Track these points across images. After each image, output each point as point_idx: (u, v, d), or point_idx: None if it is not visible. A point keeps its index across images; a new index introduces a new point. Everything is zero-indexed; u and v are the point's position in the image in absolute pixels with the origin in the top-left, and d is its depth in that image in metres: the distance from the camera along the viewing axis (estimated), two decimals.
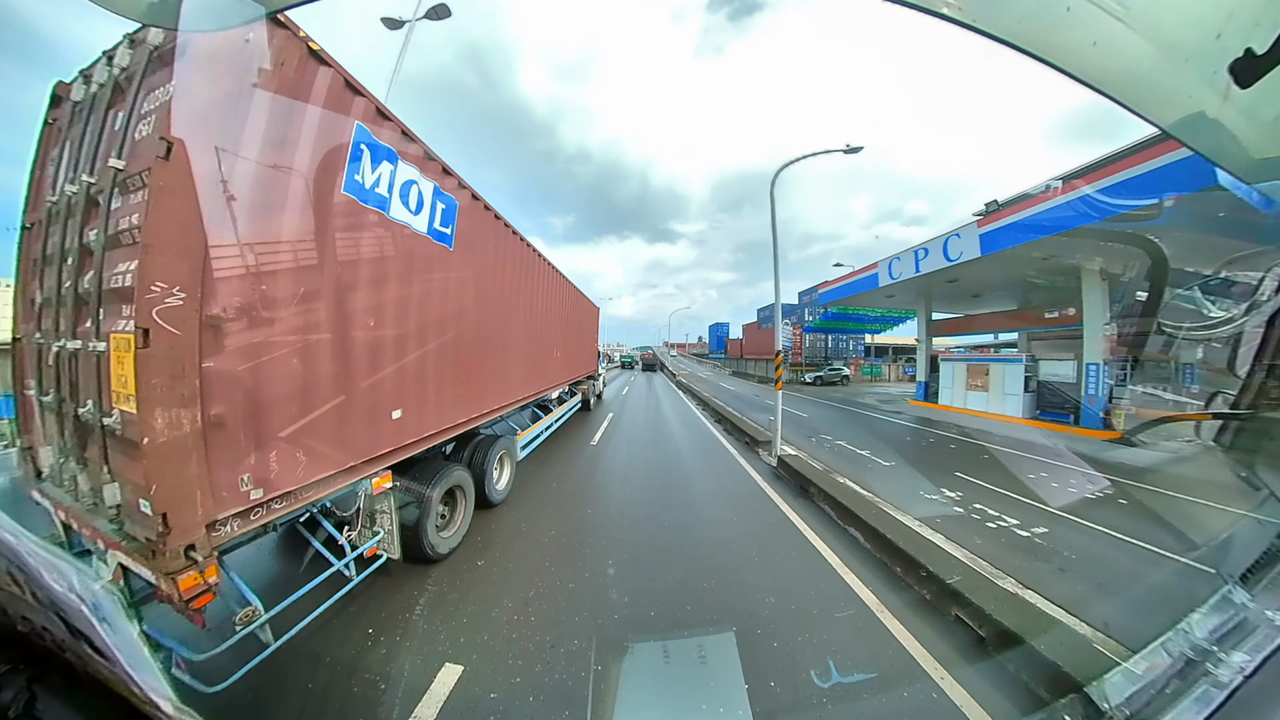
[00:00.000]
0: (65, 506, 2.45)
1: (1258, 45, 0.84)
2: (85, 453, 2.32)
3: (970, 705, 2.34)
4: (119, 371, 1.99)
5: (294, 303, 2.49)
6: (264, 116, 2.33)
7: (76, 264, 2.29)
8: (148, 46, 2.20)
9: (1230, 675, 1.06)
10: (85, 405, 2.21)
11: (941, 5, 0.99)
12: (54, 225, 2.50)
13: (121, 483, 2.15)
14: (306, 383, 2.59)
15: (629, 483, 6.92)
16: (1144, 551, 4.44)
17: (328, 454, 2.69)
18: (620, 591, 3.40)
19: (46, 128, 2.66)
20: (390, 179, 3.01)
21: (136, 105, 2.16)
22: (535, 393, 7.15)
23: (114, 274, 2.13)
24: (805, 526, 5.19)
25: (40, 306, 2.55)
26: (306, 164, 2.55)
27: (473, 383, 4.49)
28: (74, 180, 2.35)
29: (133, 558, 2.09)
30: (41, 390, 2.51)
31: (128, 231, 2.09)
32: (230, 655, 2.22)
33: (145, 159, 2.05)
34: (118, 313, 2.15)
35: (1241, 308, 1.27)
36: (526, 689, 2.25)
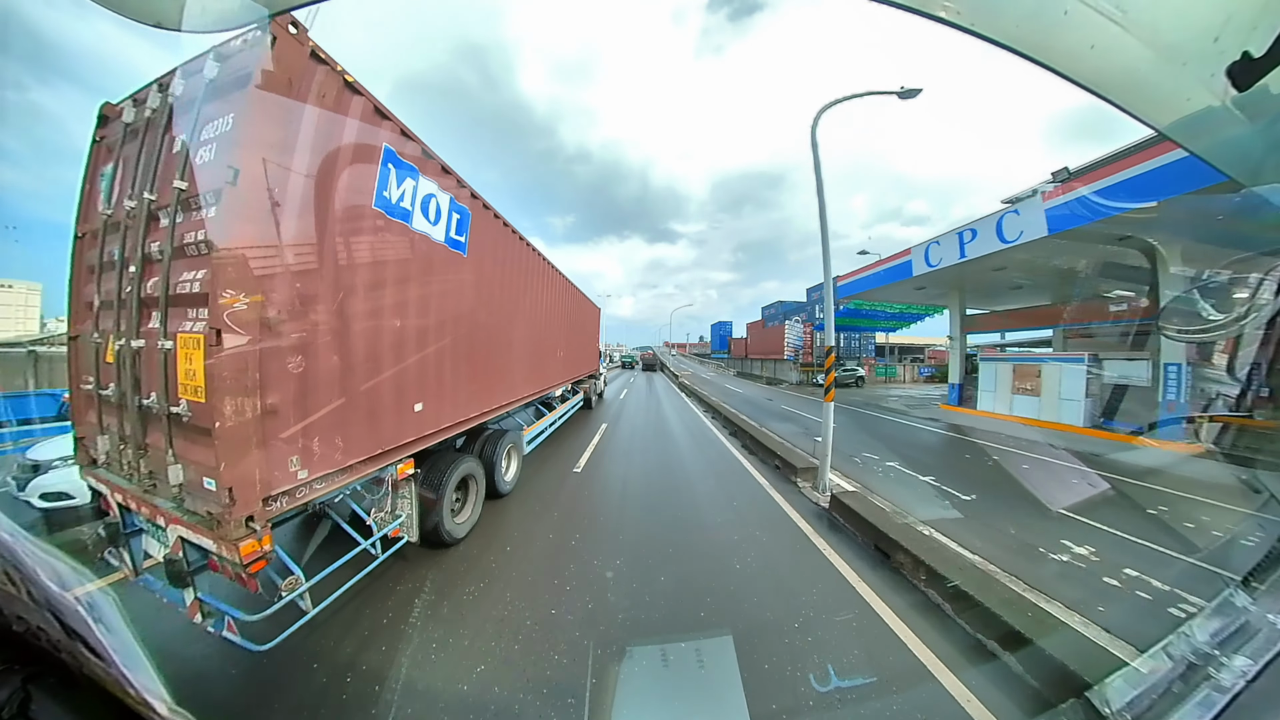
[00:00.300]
0: (122, 489, 2.68)
1: (1255, 48, 0.85)
2: (146, 439, 2.55)
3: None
4: (187, 367, 2.27)
5: (333, 306, 2.76)
6: (309, 144, 2.60)
7: (139, 271, 2.52)
8: (203, 78, 2.42)
9: (1232, 679, 1.04)
10: (149, 397, 2.46)
11: (939, 9, 0.98)
12: (110, 236, 2.77)
13: (184, 464, 2.40)
14: (343, 376, 2.86)
15: (620, 538, 4.52)
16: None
17: (361, 441, 2.99)
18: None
19: (95, 145, 2.93)
20: (413, 193, 3.31)
21: (196, 133, 2.36)
22: (540, 390, 7.50)
23: (180, 281, 2.38)
24: (913, 636, 2.97)
25: (99, 309, 2.82)
26: (345, 184, 2.85)
27: (484, 380, 4.78)
28: (132, 196, 2.62)
29: (193, 530, 2.35)
30: (100, 385, 2.74)
31: (193, 245, 2.35)
32: (273, 622, 2.48)
33: (209, 182, 2.30)
34: (183, 315, 2.39)
35: (1242, 310, 1.28)
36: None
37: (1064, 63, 1.07)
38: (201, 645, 2.76)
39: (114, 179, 2.78)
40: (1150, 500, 6.00)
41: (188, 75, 2.58)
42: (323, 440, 2.71)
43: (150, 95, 2.68)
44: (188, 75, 2.58)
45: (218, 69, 2.43)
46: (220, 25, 1.04)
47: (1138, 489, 6.80)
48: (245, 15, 1.07)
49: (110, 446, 2.81)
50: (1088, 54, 1.08)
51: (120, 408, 2.68)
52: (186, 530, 2.38)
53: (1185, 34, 1.02)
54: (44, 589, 0.77)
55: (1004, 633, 2.83)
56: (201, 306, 2.29)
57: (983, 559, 4.10)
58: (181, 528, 2.40)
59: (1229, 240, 1.48)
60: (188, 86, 2.56)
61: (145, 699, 0.78)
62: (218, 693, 2.41)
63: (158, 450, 2.51)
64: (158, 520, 2.52)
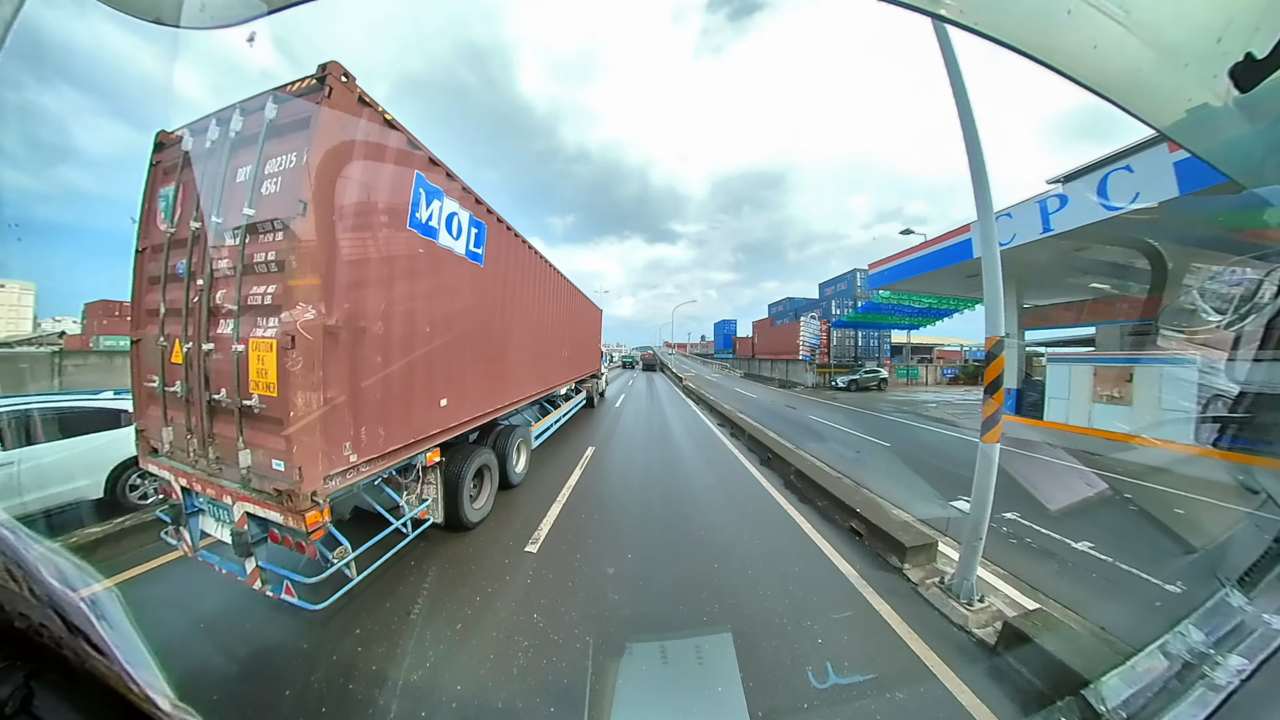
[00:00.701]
0: (185, 474, 3.01)
1: (1258, 50, 0.84)
2: (214, 429, 2.89)
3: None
4: (259, 367, 2.63)
5: (378, 314, 3.14)
6: (360, 177, 2.97)
7: (208, 284, 2.85)
8: (263, 117, 2.76)
9: (1227, 678, 1.00)
10: (219, 393, 2.81)
11: (941, 7, 0.93)
12: (174, 251, 3.09)
13: (253, 449, 2.73)
14: (385, 375, 3.22)
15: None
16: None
17: (397, 431, 3.37)
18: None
19: (152, 168, 3.25)
20: (439, 213, 3.72)
21: (260, 166, 2.73)
22: (547, 388, 7.94)
23: (251, 294, 2.72)
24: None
25: (164, 316, 3.11)
26: (387, 209, 3.22)
27: (497, 378, 5.25)
28: (197, 218, 2.94)
29: (260, 505, 2.71)
30: (166, 383, 3.07)
31: (263, 263, 2.69)
32: (324, 586, 2.85)
33: (279, 210, 2.67)
34: (253, 322, 2.73)
35: (1241, 309, 1.28)
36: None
37: (1066, 62, 0.98)
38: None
39: (175, 200, 3.07)
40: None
41: (246, 113, 2.90)
42: (369, 429, 3.07)
43: (210, 127, 2.98)
44: (246, 113, 2.90)
45: (277, 110, 2.76)
46: (219, 21, 1.03)
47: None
48: (244, 10, 1.04)
49: (175, 437, 3.10)
50: (1090, 54, 1.05)
51: (188, 402, 2.98)
52: (253, 506, 2.74)
53: (1188, 35, 0.93)
54: (45, 585, 0.77)
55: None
56: (273, 316, 2.64)
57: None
58: (248, 504, 2.75)
59: (1232, 245, 1.48)
60: (247, 123, 2.87)
61: (148, 695, 0.78)
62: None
63: (226, 438, 2.83)
64: (224, 499, 2.85)
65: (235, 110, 2.93)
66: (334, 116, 2.69)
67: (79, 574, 0.85)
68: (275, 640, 2.97)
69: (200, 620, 3.16)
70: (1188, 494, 6.43)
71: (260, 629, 3.08)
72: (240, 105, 2.93)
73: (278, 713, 2.41)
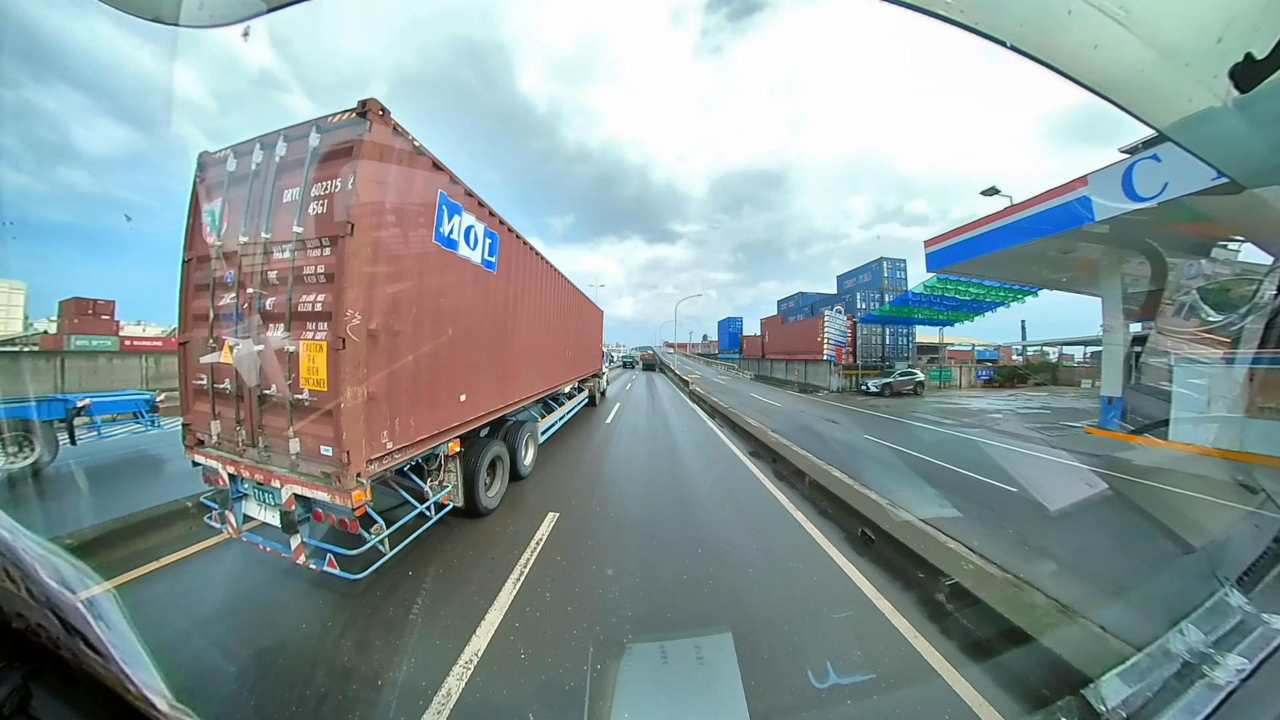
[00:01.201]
0: (233, 461, 3.27)
1: (1258, 50, 0.83)
2: (264, 421, 3.13)
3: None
4: (309, 365, 2.89)
5: (409, 319, 3.39)
6: (395, 198, 3.22)
7: (258, 292, 3.11)
8: (307, 144, 3.01)
9: (1227, 677, 0.97)
10: (269, 388, 3.06)
11: (941, 6, 0.90)
12: (223, 262, 3.30)
13: (301, 437, 3.00)
14: (415, 372, 3.48)
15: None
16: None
17: (425, 422, 3.63)
18: None
19: (196, 185, 3.47)
20: (459, 227, 4.03)
21: (307, 189, 2.98)
22: (552, 386, 8.34)
23: (302, 301, 2.98)
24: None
25: (214, 321, 3.32)
26: (417, 226, 3.47)
27: (508, 376, 5.60)
28: (245, 233, 3.18)
29: (308, 486, 2.97)
30: (215, 381, 3.32)
31: (312, 275, 2.95)
32: (362, 559, 3.17)
33: (324, 229, 2.92)
34: (303, 326, 3.00)
35: (1241, 310, 1.27)
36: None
37: (1067, 62, 0.93)
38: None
39: (221, 216, 3.30)
40: None
41: (289, 140, 3.13)
42: (401, 420, 3.34)
43: (254, 150, 3.20)
44: (289, 140, 3.13)
45: (320, 139, 3.00)
46: (218, 19, 1.02)
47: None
48: (243, 9, 1.03)
49: (223, 429, 3.35)
50: (1091, 54, 0.91)
51: (238, 398, 3.22)
52: (301, 487, 3.00)
53: (1188, 35, 0.87)
54: (43, 586, 0.76)
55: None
56: (323, 321, 2.92)
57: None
58: (297, 486, 3.02)
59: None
60: (291, 149, 3.11)
61: (145, 695, 0.77)
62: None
63: (276, 428, 3.09)
64: (272, 483, 3.10)
65: (279, 136, 3.14)
66: (374, 147, 2.93)
67: (77, 575, 0.84)
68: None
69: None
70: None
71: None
72: (284, 133, 3.14)
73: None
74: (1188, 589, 1.92)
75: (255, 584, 3.56)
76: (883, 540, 4.29)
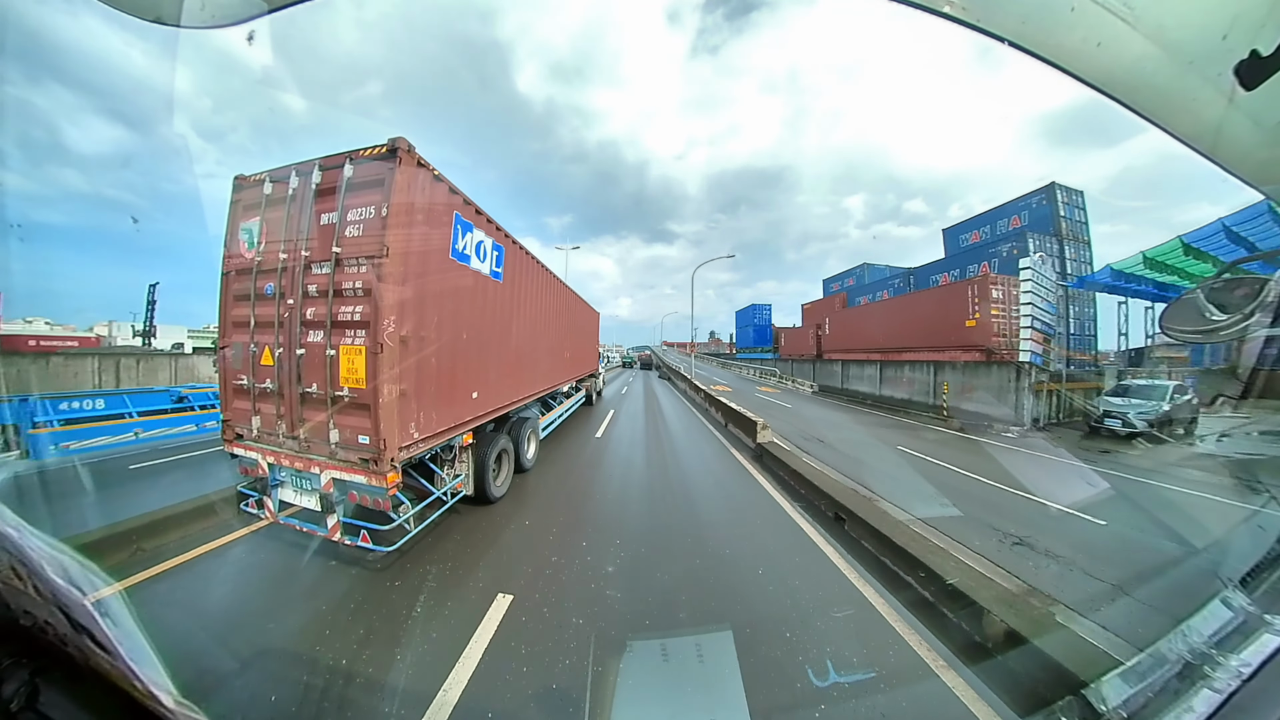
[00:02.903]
0: (272, 452, 3.57)
1: (1264, 47, 0.80)
2: (304, 415, 3.44)
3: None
4: (349, 366, 3.26)
5: (432, 325, 3.67)
6: (420, 221, 3.48)
7: (299, 303, 3.40)
8: (342, 175, 3.30)
9: (1228, 679, 0.94)
10: (311, 387, 3.36)
11: (944, 4, 0.87)
12: (262, 276, 3.59)
13: (340, 429, 3.34)
14: (437, 372, 3.79)
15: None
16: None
17: (444, 416, 3.96)
18: None
19: (233, 205, 3.80)
20: (471, 243, 4.42)
21: (343, 213, 3.30)
22: (552, 385, 8.65)
23: (341, 311, 3.31)
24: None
25: (254, 328, 3.63)
26: (437, 245, 3.78)
27: (513, 376, 5.97)
28: (284, 249, 3.47)
29: (346, 470, 3.32)
30: (256, 380, 3.61)
31: (350, 289, 3.29)
32: (389, 535, 3.52)
33: (360, 249, 3.26)
34: (342, 333, 3.33)
35: (1246, 310, 1.26)
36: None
37: (1069, 60, 0.89)
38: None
39: (259, 234, 3.58)
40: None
41: (324, 169, 3.41)
42: (425, 414, 3.67)
43: (290, 177, 3.50)
44: (324, 169, 3.41)
45: (353, 170, 3.32)
46: (220, 20, 1.02)
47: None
48: (244, 10, 0.85)
49: (263, 423, 3.63)
50: (1094, 51, 0.87)
51: (279, 395, 3.51)
52: (339, 472, 3.36)
53: (1193, 31, 0.84)
54: (50, 584, 0.76)
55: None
56: (361, 328, 3.26)
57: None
58: (335, 471, 3.37)
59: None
60: (325, 177, 3.40)
61: (152, 692, 0.77)
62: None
63: (316, 421, 3.41)
64: (312, 469, 3.43)
65: (314, 166, 3.43)
66: (403, 178, 3.25)
67: (84, 572, 0.85)
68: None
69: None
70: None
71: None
72: (319, 162, 3.44)
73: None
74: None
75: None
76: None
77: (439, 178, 3.77)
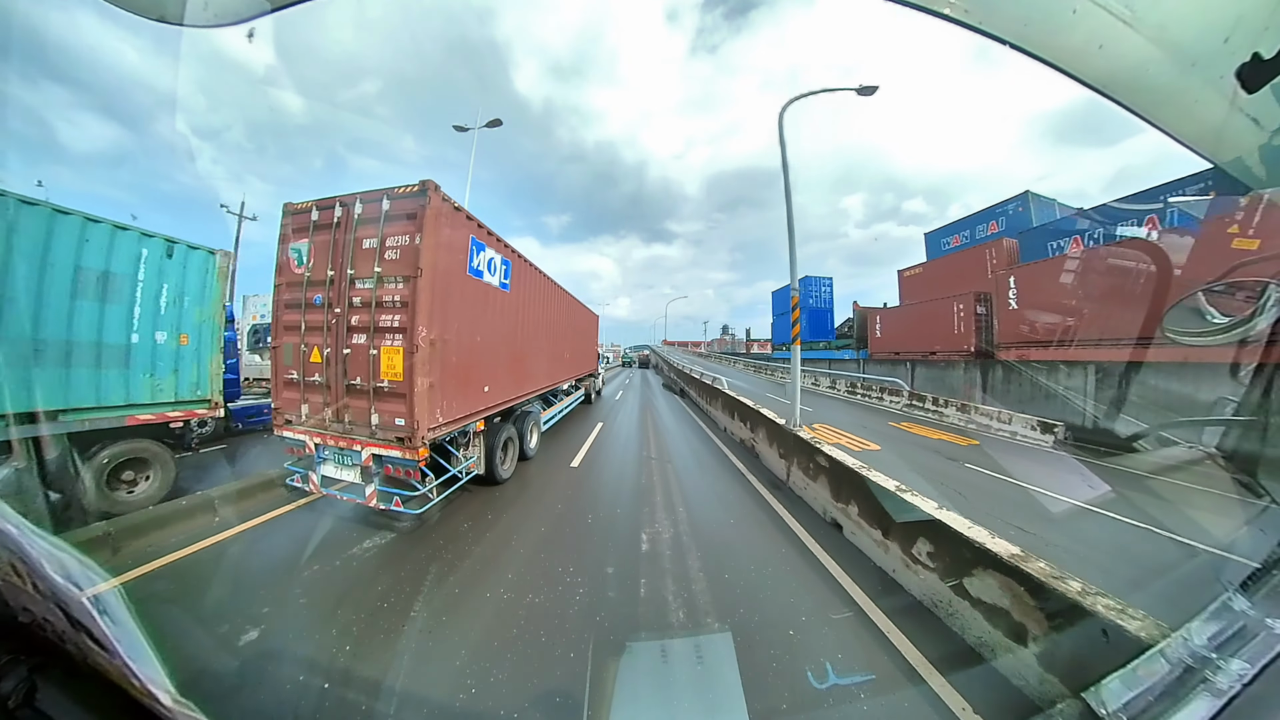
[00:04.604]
0: (321, 433, 4.03)
1: (1265, 50, 0.79)
2: (349, 402, 3.97)
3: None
4: (389, 363, 3.84)
5: (453, 330, 4.15)
6: (445, 246, 4.00)
7: (344, 312, 3.88)
8: (381, 207, 3.80)
9: (1229, 682, 0.92)
10: (355, 380, 3.92)
11: (945, 6, 0.84)
12: (311, 288, 4.10)
13: (379, 413, 3.89)
14: (456, 369, 4.28)
15: None
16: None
17: (462, 405, 4.51)
18: None
19: (283, 227, 4.32)
20: (484, 260, 5.01)
21: (382, 239, 3.82)
22: (553, 383, 9.29)
23: (381, 317, 3.86)
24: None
25: (304, 331, 4.14)
26: (458, 265, 4.27)
27: (517, 374, 6.57)
28: (331, 267, 3.94)
29: (385, 447, 3.84)
30: (306, 374, 4.12)
31: (390, 302, 3.82)
32: (417, 502, 4.10)
33: (398, 270, 3.80)
34: (382, 336, 3.86)
35: (1246, 314, 1.25)
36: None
37: (1071, 62, 0.86)
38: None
39: (308, 253, 4.11)
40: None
41: (365, 202, 3.93)
42: (447, 403, 4.18)
43: (335, 206, 3.98)
44: (365, 202, 3.93)
45: (390, 204, 3.86)
46: (223, 19, 1.02)
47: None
48: (246, 9, 0.82)
49: (310, 410, 4.14)
50: (1096, 53, 0.84)
51: (327, 387, 4.02)
52: (378, 448, 3.90)
53: (1195, 34, 0.81)
54: (49, 581, 0.75)
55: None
56: (399, 333, 3.81)
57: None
58: (375, 448, 3.91)
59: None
60: (366, 209, 3.91)
61: (149, 690, 0.76)
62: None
63: (359, 408, 3.95)
64: (354, 447, 3.95)
65: (356, 199, 3.94)
66: (432, 212, 3.80)
67: (83, 570, 0.85)
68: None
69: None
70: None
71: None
72: (359, 196, 3.94)
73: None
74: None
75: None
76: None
77: (457, 208, 4.26)
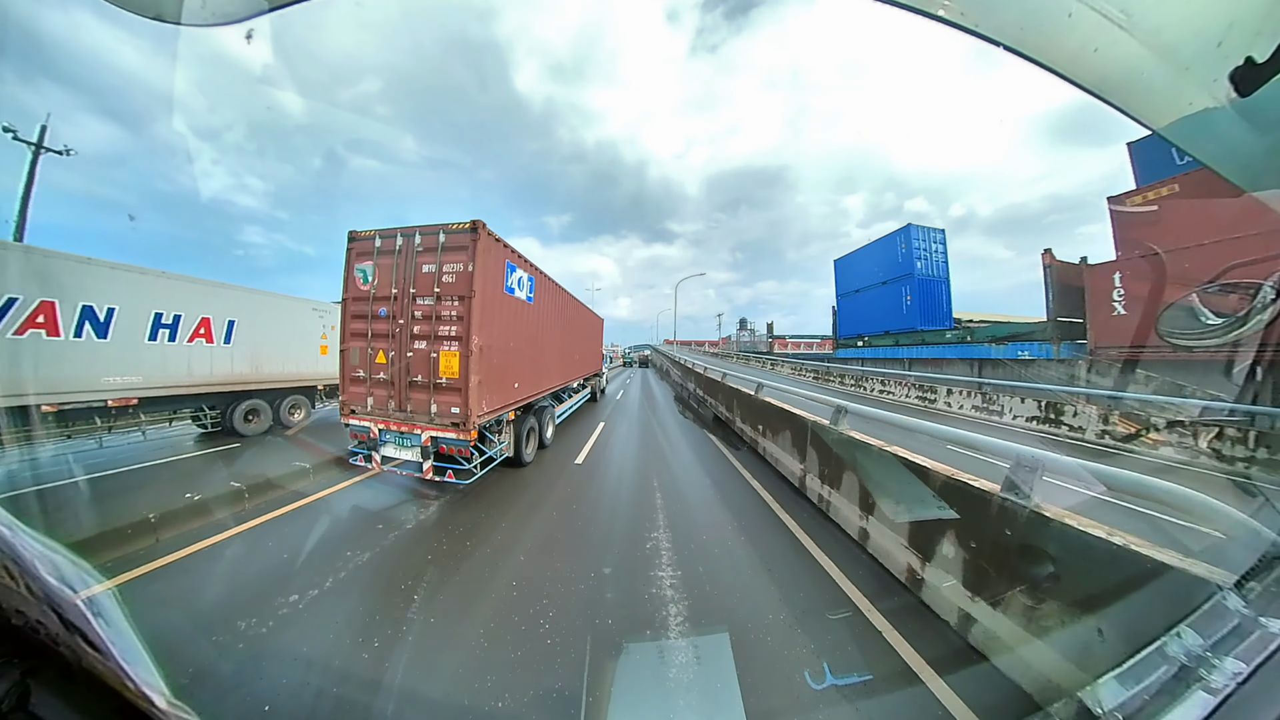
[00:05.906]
0: (381, 421, 4.68)
1: (1258, 54, 0.77)
2: (410, 395, 4.67)
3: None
4: (446, 364, 4.60)
5: (495, 337, 4.78)
6: (490, 270, 4.59)
7: (407, 322, 4.54)
8: (438, 239, 4.45)
9: (1224, 681, 0.92)
10: (417, 377, 4.57)
11: (939, 8, 0.83)
12: (377, 302, 4.90)
13: (437, 404, 4.58)
14: (497, 369, 4.94)
15: None
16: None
17: (499, 398, 5.23)
18: None
19: (349, 251, 5.10)
20: (515, 280, 5.79)
21: (440, 267, 4.50)
22: (566, 381, 10.93)
23: (440, 327, 4.52)
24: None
25: (370, 338, 4.89)
26: (497, 285, 4.89)
27: (539, 373, 7.62)
28: (395, 285, 4.60)
29: (442, 431, 4.50)
30: (372, 372, 4.82)
31: (448, 316, 4.53)
32: (462, 475, 5.01)
33: (455, 291, 4.53)
34: (440, 343, 4.54)
35: (1240, 314, 1.27)
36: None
37: (1066, 65, 0.82)
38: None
39: (372, 273, 4.82)
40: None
41: (424, 234, 4.61)
42: (489, 396, 4.82)
43: (396, 236, 4.65)
44: (424, 234, 4.61)
45: (445, 238, 4.54)
46: (220, 18, 1.01)
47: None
48: (245, 8, 0.77)
49: (375, 402, 4.81)
50: (1090, 57, 0.79)
51: (391, 383, 4.69)
52: (436, 431, 4.58)
53: (1188, 38, 0.75)
54: (43, 583, 0.75)
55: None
56: (455, 340, 4.52)
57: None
58: (434, 431, 4.60)
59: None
60: (424, 240, 4.59)
61: (144, 693, 0.75)
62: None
63: (419, 399, 4.61)
64: (415, 431, 4.61)
65: (415, 232, 4.61)
66: (482, 246, 4.51)
67: (77, 572, 0.85)
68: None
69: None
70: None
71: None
72: (419, 229, 4.60)
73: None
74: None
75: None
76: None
77: (498, 240, 4.98)
